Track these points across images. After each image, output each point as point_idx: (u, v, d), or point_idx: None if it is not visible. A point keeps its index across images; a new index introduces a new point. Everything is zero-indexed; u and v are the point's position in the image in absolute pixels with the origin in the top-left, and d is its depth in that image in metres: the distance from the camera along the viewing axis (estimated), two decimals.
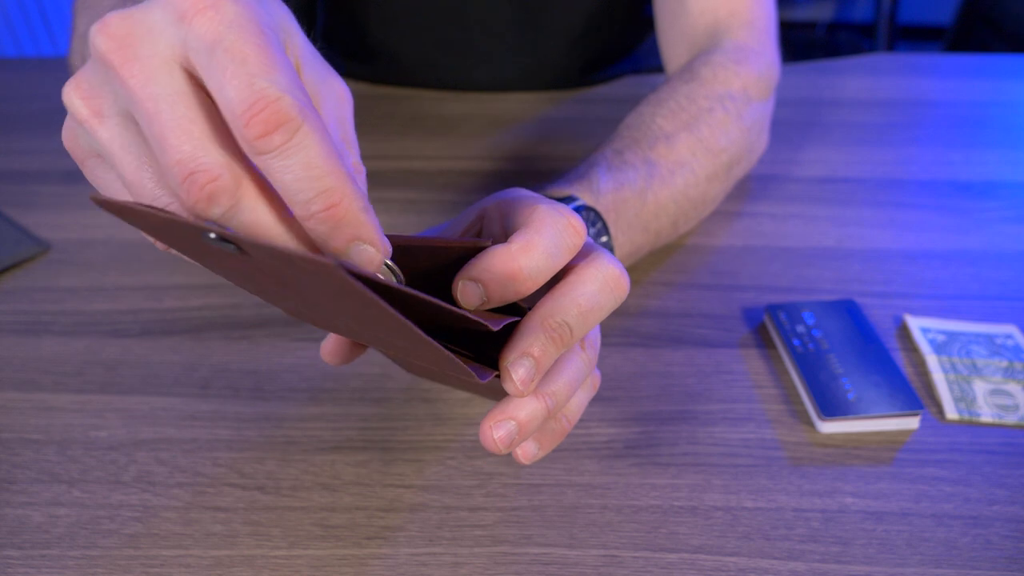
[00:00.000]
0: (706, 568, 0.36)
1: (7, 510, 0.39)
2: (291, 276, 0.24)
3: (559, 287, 0.31)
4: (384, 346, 0.32)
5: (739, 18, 0.61)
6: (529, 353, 0.30)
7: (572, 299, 0.31)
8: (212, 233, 0.22)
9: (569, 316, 0.31)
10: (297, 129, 0.23)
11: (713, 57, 0.57)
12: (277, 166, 0.24)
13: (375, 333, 0.28)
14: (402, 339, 0.27)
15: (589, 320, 0.31)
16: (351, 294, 0.23)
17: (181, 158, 0.24)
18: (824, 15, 2.53)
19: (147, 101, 0.24)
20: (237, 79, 0.23)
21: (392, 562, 0.37)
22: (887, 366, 0.45)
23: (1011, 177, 0.64)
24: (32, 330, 0.51)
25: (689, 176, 0.51)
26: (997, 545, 0.37)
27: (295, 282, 0.25)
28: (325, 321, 0.31)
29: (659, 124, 0.51)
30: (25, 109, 0.79)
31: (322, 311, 0.28)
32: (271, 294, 0.30)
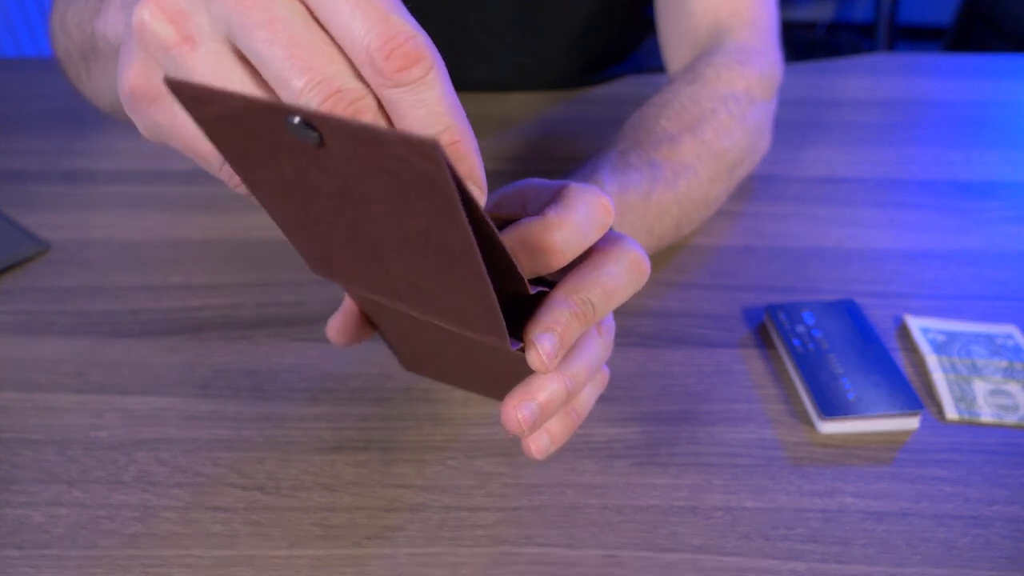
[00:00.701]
0: (706, 568, 0.36)
1: (7, 510, 0.39)
2: (362, 181, 0.23)
3: (584, 265, 0.31)
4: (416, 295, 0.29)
5: (741, 18, 0.61)
6: (553, 328, 0.30)
7: (596, 278, 0.31)
8: (296, 117, 0.21)
9: (593, 294, 0.31)
10: (432, 66, 0.24)
11: (716, 58, 0.57)
12: (410, 100, 0.24)
13: (422, 263, 0.26)
14: (451, 269, 0.25)
15: (612, 300, 0.31)
16: (429, 192, 0.22)
17: (324, 78, 0.24)
18: (824, 15, 2.53)
19: (271, 24, 0.24)
20: (368, 14, 0.23)
21: (392, 562, 0.37)
22: (887, 366, 0.45)
23: (1011, 177, 0.64)
24: (32, 330, 0.51)
25: (692, 178, 0.51)
26: (997, 545, 0.37)
27: (361, 193, 0.24)
28: (367, 255, 0.28)
29: (663, 126, 0.51)
30: (25, 109, 0.79)
31: (372, 235, 0.26)
32: (316, 225, 0.28)
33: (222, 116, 0.23)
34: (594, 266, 0.31)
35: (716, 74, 0.56)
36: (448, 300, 0.28)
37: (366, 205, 0.24)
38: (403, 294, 0.30)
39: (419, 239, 0.25)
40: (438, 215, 0.23)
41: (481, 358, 0.34)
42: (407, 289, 0.29)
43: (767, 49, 0.60)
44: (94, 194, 0.64)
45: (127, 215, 0.62)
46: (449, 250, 0.24)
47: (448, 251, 0.24)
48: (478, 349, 0.33)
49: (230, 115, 0.23)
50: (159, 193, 0.64)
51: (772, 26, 0.62)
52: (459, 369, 0.37)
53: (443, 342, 0.34)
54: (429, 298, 0.29)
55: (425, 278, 0.27)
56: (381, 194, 0.23)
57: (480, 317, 0.28)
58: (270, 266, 0.56)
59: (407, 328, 0.35)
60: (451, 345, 0.34)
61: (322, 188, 0.25)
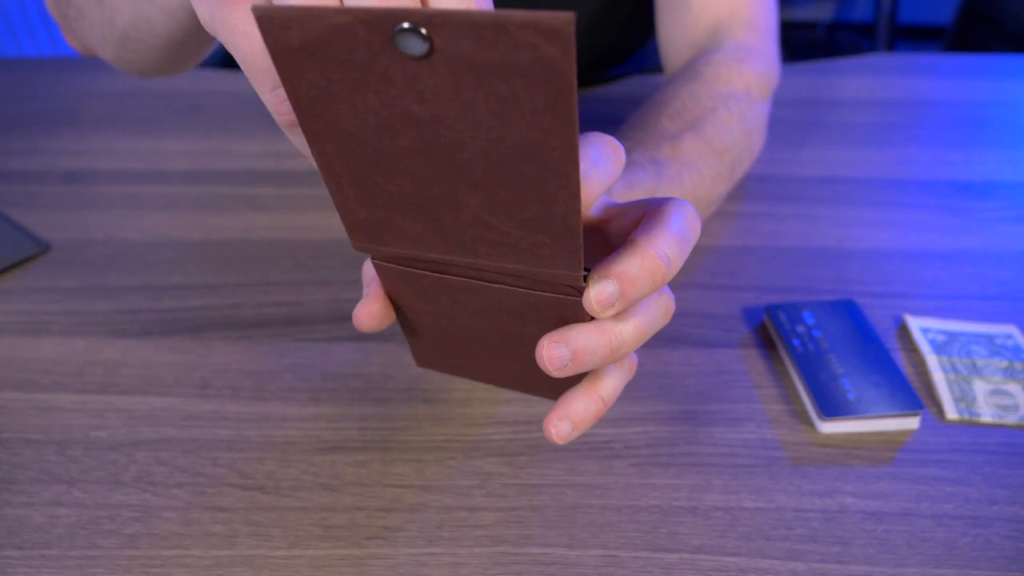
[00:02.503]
0: (706, 568, 0.36)
1: (7, 510, 0.39)
2: (464, 93, 0.22)
3: (648, 219, 0.30)
4: (485, 239, 0.28)
5: (740, 18, 0.61)
6: (621, 275, 0.28)
7: (666, 226, 0.29)
8: (406, 23, 0.20)
9: (669, 246, 0.29)
10: None
11: (715, 57, 0.57)
12: None
13: (506, 190, 0.25)
14: (541, 185, 0.25)
15: (683, 251, 0.30)
16: (545, 84, 0.21)
17: None
18: (824, 15, 2.53)
19: None
20: None
21: (392, 562, 0.37)
22: (887, 366, 0.45)
23: (1011, 177, 0.64)
24: (32, 330, 0.51)
25: (695, 176, 0.51)
26: (997, 545, 0.37)
27: (458, 111, 0.23)
28: (439, 198, 0.27)
29: (664, 124, 0.51)
30: (25, 109, 0.79)
31: (453, 169, 0.26)
32: (386, 173, 0.27)
33: (309, 44, 0.22)
34: (661, 219, 0.30)
35: (715, 73, 0.56)
36: (522, 235, 0.27)
37: (459, 127, 0.24)
38: (469, 244, 0.28)
39: (513, 154, 0.24)
40: (547, 113, 0.22)
41: (515, 343, 0.33)
42: (476, 235, 0.28)
43: (766, 49, 0.60)
44: (94, 194, 0.64)
45: (127, 215, 0.62)
46: (545, 159, 0.23)
47: (544, 161, 0.24)
48: (514, 331, 0.32)
49: (319, 42, 0.22)
50: (159, 193, 0.64)
51: (771, 26, 0.63)
52: (485, 359, 0.36)
53: (479, 326, 0.33)
54: (501, 239, 0.28)
55: (504, 211, 0.26)
56: (484, 105, 0.22)
57: (557, 246, 0.26)
58: (270, 266, 0.56)
59: (440, 311, 0.34)
60: (489, 329, 0.33)
61: (411, 117, 0.24)
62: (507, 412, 0.44)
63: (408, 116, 0.24)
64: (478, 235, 0.28)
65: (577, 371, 0.30)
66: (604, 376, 0.33)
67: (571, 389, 0.33)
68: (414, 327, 0.37)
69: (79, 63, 0.88)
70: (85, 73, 0.86)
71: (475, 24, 0.20)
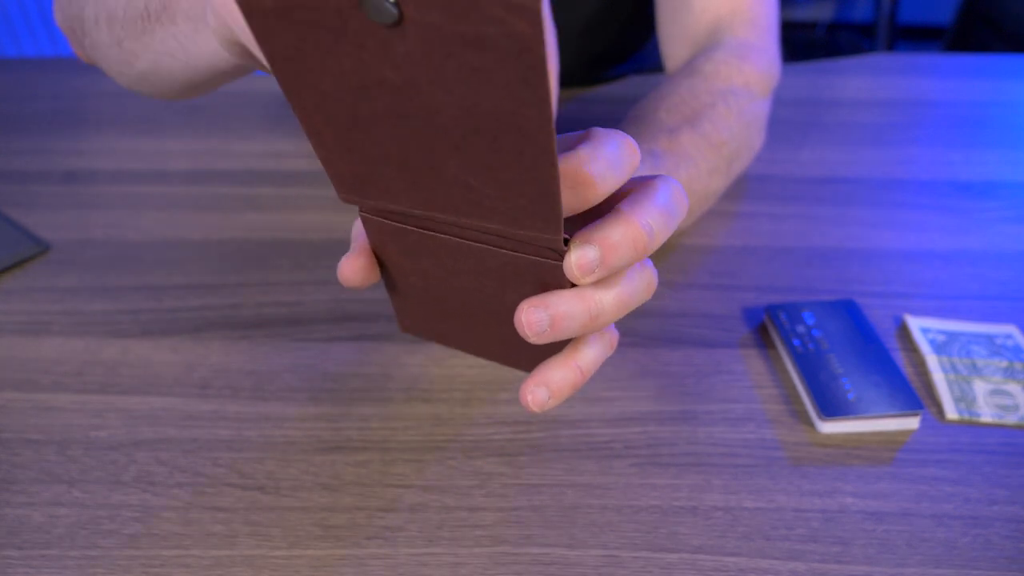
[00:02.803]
0: (706, 568, 0.36)
1: (7, 510, 0.39)
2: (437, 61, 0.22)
3: (635, 192, 0.30)
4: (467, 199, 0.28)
5: (740, 15, 0.61)
6: (602, 242, 0.28)
7: (652, 199, 0.30)
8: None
9: (654, 218, 0.29)
10: None
11: (715, 54, 0.57)
12: None
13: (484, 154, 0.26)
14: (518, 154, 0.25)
15: (668, 224, 0.30)
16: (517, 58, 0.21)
17: None
18: (824, 15, 2.53)
19: None
20: None
21: (392, 562, 0.37)
22: (887, 366, 0.45)
23: (1011, 177, 0.64)
24: (32, 330, 0.51)
25: (692, 170, 0.50)
26: (997, 545, 0.37)
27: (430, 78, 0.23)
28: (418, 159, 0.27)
29: (661, 118, 0.51)
30: (25, 109, 0.79)
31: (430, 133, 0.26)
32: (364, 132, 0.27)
33: (281, 6, 0.22)
34: (647, 192, 0.30)
35: (715, 69, 0.56)
36: (502, 198, 0.27)
37: (433, 93, 0.24)
38: (451, 202, 0.28)
39: (488, 121, 0.24)
40: (521, 86, 0.22)
41: (496, 308, 0.33)
42: (457, 194, 0.28)
43: (767, 46, 0.60)
44: (94, 194, 0.64)
45: (127, 215, 0.62)
46: (521, 128, 0.23)
47: (519, 129, 0.24)
48: (496, 296, 0.32)
49: (291, 4, 0.22)
50: (159, 193, 0.64)
51: (772, 24, 0.63)
52: (469, 327, 0.36)
53: (462, 289, 0.33)
54: (481, 199, 0.28)
55: (483, 173, 0.26)
56: (456, 75, 0.22)
57: (536, 208, 0.26)
58: (270, 266, 0.56)
59: (424, 271, 0.34)
60: (471, 294, 0.33)
61: (385, 82, 0.24)
62: (507, 412, 0.44)
63: (382, 81, 0.24)
64: (459, 194, 0.28)
65: (555, 338, 0.30)
66: (583, 346, 0.33)
67: (551, 358, 0.33)
68: (398, 287, 0.37)
69: (79, 63, 0.88)
70: (85, 73, 0.86)
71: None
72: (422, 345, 0.48)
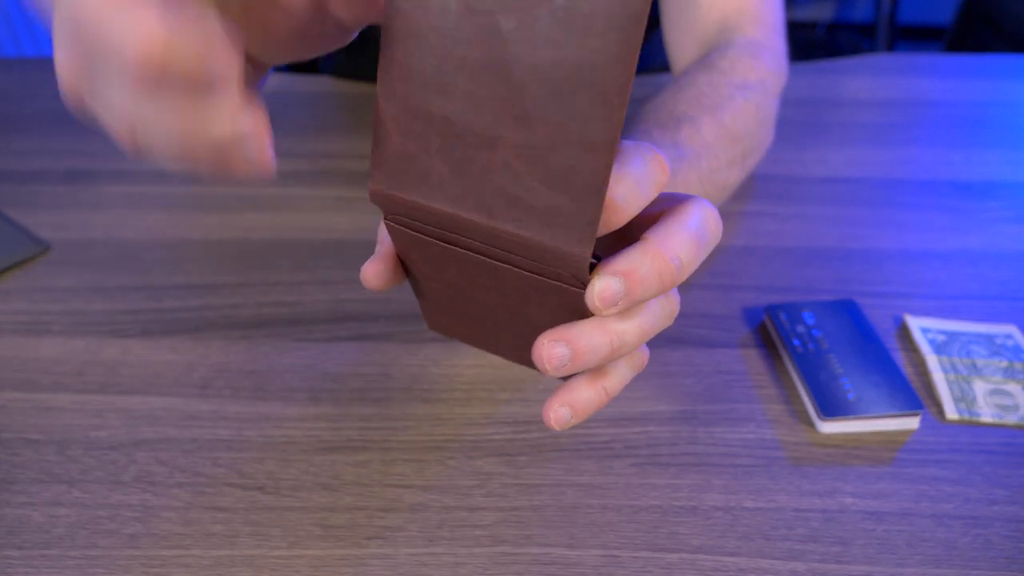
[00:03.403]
0: (706, 568, 0.36)
1: (7, 510, 0.39)
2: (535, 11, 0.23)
3: (664, 223, 0.29)
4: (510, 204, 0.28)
5: (747, 15, 0.61)
6: (627, 276, 0.28)
7: (683, 227, 0.28)
8: None
9: (684, 249, 0.28)
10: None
11: (729, 51, 0.57)
12: None
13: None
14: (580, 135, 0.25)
15: (699, 255, 0.29)
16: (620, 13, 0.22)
17: None
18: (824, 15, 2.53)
19: None
20: None
21: (392, 562, 0.37)
22: (887, 366, 0.45)
23: (1011, 177, 0.64)
24: (32, 330, 0.51)
25: (713, 161, 0.50)
26: (997, 545, 0.37)
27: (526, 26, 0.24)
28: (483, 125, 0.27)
29: (682, 109, 0.51)
30: (25, 109, 0.79)
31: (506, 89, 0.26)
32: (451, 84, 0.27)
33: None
34: (677, 216, 0.29)
35: (731, 65, 0.56)
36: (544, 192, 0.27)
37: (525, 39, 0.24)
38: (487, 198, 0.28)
39: (570, 78, 0.24)
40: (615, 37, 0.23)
41: (519, 320, 0.33)
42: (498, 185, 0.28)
43: (775, 45, 0.60)
44: (94, 194, 0.64)
45: (127, 215, 0.62)
46: (599, 87, 0.24)
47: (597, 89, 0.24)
48: (519, 310, 0.31)
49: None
50: (159, 193, 0.64)
51: (779, 24, 0.63)
52: (491, 331, 0.36)
53: (484, 300, 0.33)
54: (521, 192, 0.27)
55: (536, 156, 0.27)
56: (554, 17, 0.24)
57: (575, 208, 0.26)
58: (270, 266, 0.56)
59: (447, 280, 0.34)
60: (493, 304, 0.33)
61: (484, 27, 0.25)
62: (507, 412, 0.44)
63: (481, 25, 0.24)
64: (500, 187, 0.28)
65: (575, 371, 0.30)
66: (612, 370, 0.32)
67: (576, 377, 0.33)
68: (423, 291, 0.37)
69: None
70: None
71: None
72: (422, 345, 0.48)
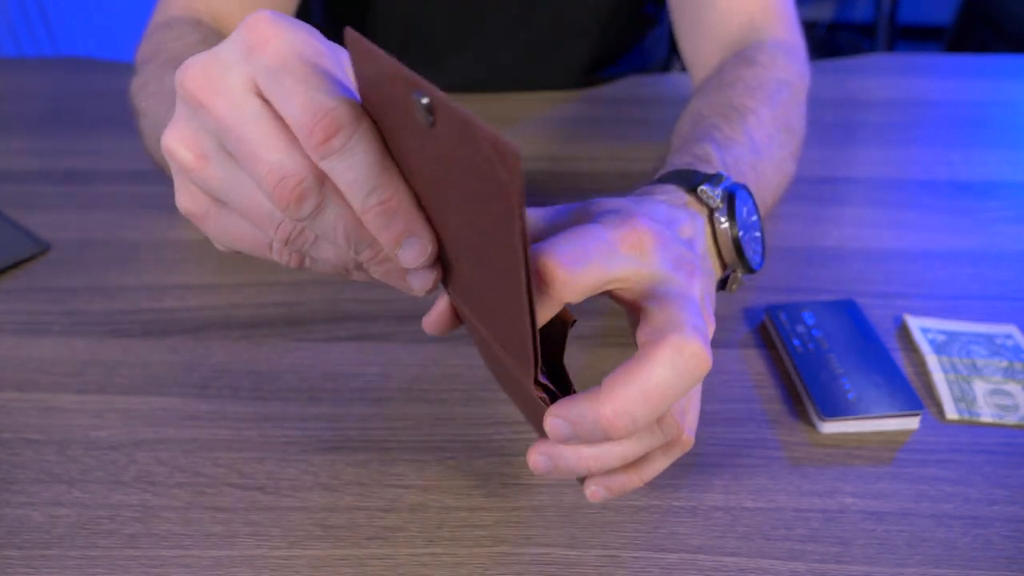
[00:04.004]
0: (706, 568, 0.36)
1: (7, 510, 0.39)
2: (456, 167, 0.25)
3: (627, 368, 0.28)
4: (477, 302, 0.30)
5: (773, 14, 0.61)
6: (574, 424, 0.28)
7: (644, 382, 0.28)
8: (422, 97, 0.23)
9: (635, 406, 0.28)
10: (352, 134, 0.26)
11: (764, 48, 0.57)
12: (340, 167, 0.27)
13: (483, 269, 0.27)
14: (500, 281, 0.26)
15: (658, 407, 0.28)
16: (498, 196, 0.23)
17: (270, 168, 0.27)
18: (824, 15, 2.53)
19: (235, 126, 0.28)
20: (298, 95, 0.26)
21: (392, 562, 0.37)
22: (887, 366, 0.45)
23: (1011, 177, 0.64)
24: (32, 330, 0.51)
25: (777, 151, 0.50)
26: (997, 545, 0.37)
27: (453, 179, 0.25)
28: (449, 249, 0.29)
29: (740, 101, 0.50)
30: (25, 109, 0.79)
31: (454, 229, 0.28)
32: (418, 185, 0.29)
33: (375, 76, 0.26)
34: (639, 370, 0.28)
35: (771, 60, 0.55)
36: (497, 314, 0.28)
37: (455, 194, 0.26)
38: (469, 298, 0.30)
39: (486, 240, 0.25)
40: (501, 222, 0.24)
41: (519, 386, 0.34)
42: (472, 293, 0.30)
43: (802, 44, 0.61)
44: (94, 194, 0.64)
45: (127, 215, 0.62)
46: (502, 261, 0.25)
47: (502, 262, 0.25)
48: (524, 390, 0.32)
49: (380, 77, 0.25)
50: (159, 193, 0.64)
51: (798, 21, 0.63)
52: (509, 388, 0.37)
53: (495, 365, 0.34)
54: (486, 308, 0.29)
55: (483, 286, 0.28)
56: (467, 186, 0.25)
57: (517, 341, 0.27)
58: (269, 266, 0.55)
59: (481, 340, 0.35)
60: (498, 370, 0.34)
61: (428, 163, 0.26)
62: (507, 412, 0.44)
63: (428, 160, 0.26)
64: (474, 295, 0.30)
65: (564, 473, 0.31)
66: (651, 460, 0.33)
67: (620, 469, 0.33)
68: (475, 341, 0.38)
69: (79, 63, 0.88)
70: (85, 73, 0.86)
71: (458, 118, 0.23)
72: (422, 345, 0.48)
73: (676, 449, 0.33)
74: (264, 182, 0.27)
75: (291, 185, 0.27)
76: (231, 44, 0.28)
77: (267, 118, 0.27)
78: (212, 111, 0.28)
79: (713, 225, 0.38)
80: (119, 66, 0.84)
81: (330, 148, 0.26)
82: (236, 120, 0.28)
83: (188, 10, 0.59)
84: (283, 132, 0.27)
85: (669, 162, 0.44)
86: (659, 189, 0.39)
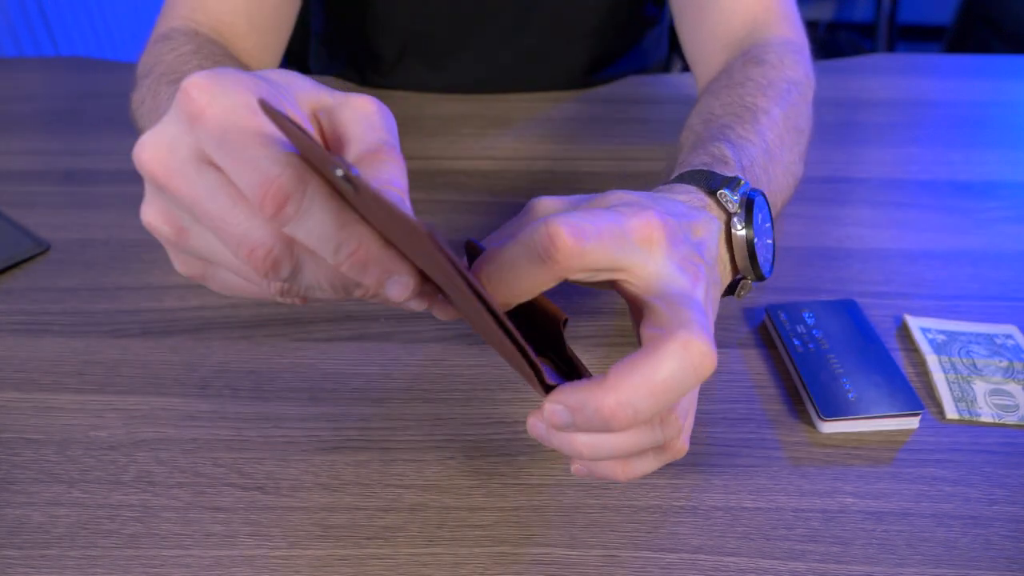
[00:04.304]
0: (706, 568, 0.36)
1: (7, 510, 0.39)
2: (390, 226, 0.26)
3: (633, 360, 0.28)
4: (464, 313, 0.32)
5: (776, 13, 0.61)
6: (575, 412, 0.28)
7: (650, 375, 0.28)
8: (339, 171, 0.24)
9: (639, 397, 0.28)
10: (302, 197, 0.26)
11: (771, 48, 0.57)
12: (300, 232, 0.27)
13: (459, 300, 0.29)
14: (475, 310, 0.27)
15: (662, 402, 0.28)
16: (437, 261, 0.25)
17: (238, 241, 0.27)
18: (824, 15, 2.53)
19: (196, 202, 0.27)
20: (243, 165, 0.26)
21: (392, 562, 0.37)
22: (887, 366, 0.45)
23: (1011, 177, 0.64)
24: (32, 330, 0.51)
25: (787, 153, 0.49)
26: (997, 545, 0.37)
27: (394, 233, 0.27)
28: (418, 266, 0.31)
29: (752, 100, 0.50)
30: (25, 109, 0.79)
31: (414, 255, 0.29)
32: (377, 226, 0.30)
33: (297, 143, 0.26)
34: (645, 362, 0.28)
35: (779, 59, 0.55)
36: (489, 334, 0.29)
37: (400, 236, 0.26)
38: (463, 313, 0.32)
39: (443, 274, 0.26)
40: (441, 264, 0.25)
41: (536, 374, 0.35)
42: (461, 309, 0.31)
43: (806, 42, 0.61)
44: (94, 194, 0.64)
45: (127, 215, 0.62)
46: (462, 292, 0.26)
47: (462, 292, 0.26)
48: None
49: (301, 147, 0.26)
50: None
51: (801, 21, 0.63)
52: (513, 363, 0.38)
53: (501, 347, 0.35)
54: (476, 326, 0.31)
55: (464, 307, 0.29)
56: (401, 236, 0.26)
57: (516, 363, 0.29)
58: None
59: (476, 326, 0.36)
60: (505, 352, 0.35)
61: (372, 212, 0.27)
62: (507, 412, 0.44)
63: (365, 216, 0.27)
64: (463, 311, 0.31)
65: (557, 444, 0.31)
66: (642, 458, 0.33)
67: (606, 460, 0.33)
68: None
69: (79, 63, 0.88)
70: (85, 73, 0.86)
71: (372, 196, 0.24)
72: (422, 345, 0.48)
73: (668, 454, 0.33)
74: (237, 254, 0.27)
75: (261, 255, 0.27)
76: (173, 115, 0.28)
77: (224, 190, 0.27)
78: (173, 191, 0.28)
79: (729, 230, 0.38)
80: (119, 66, 0.84)
81: (285, 217, 0.26)
82: (196, 197, 0.27)
83: (188, 21, 0.59)
84: (242, 201, 0.27)
85: (685, 160, 0.44)
86: (679, 188, 0.39)
